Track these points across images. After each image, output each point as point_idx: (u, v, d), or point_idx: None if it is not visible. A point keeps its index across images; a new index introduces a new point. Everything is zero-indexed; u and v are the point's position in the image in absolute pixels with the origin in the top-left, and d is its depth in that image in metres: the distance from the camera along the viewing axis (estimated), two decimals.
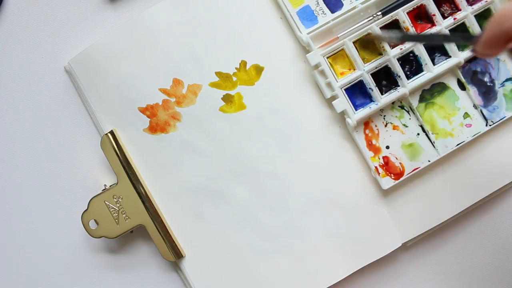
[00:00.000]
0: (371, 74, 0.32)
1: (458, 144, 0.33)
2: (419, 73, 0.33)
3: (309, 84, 0.33)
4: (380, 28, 0.32)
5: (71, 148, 0.35)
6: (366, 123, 0.33)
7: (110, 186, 0.33)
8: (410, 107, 0.33)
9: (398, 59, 0.32)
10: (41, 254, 0.35)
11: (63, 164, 0.35)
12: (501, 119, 0.33)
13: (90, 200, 0.33)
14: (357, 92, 0.33)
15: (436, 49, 0.33)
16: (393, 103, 0.33)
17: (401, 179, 0.33)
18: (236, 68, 0.33)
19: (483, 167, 0.33)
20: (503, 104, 0.33)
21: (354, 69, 0.33)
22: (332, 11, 0.33)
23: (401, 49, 0.32)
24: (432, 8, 0.32)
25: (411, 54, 0.33)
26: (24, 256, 0.35)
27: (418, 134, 0.33)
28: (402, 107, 0.33)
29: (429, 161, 0.33)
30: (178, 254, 0.33)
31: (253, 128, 0.33)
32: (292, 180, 0.33)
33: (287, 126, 0.33)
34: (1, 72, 0.35)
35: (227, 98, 0.33)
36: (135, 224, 0.33)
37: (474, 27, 0.32)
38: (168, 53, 0.33)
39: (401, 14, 0.32)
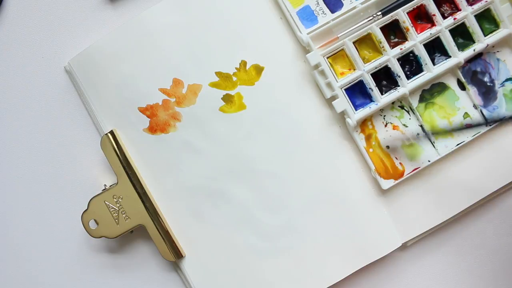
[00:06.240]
0: (371, 74, 0.32)
1: (458, 144, 0.33)
2: (419, 73, 0.33)
3: (309, 84, 0.33)
4: (381, 27, 0.32)
5: (71, 148, 0.35)
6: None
7: (110, 186, 0.33)
8: (410, 107, 0.33)
9: (398, 59, 0.32)
10: (41, 254, 0.35)
11: (63, 164, 0.35)
12: (501, 119, 0.33)
13: (90, 200, 0.33)
14: (357, 92, 0.33)
15: (436, 49, 0.33)
16: (393, 103, 0.33)
17: (401, 179, 0.33)
18: (236, 68, 0.33)
19: (483, 167, 0.33)
20: (503, 104, 0.33)
21: (354, 69, 0.33)
22: (332, 11, 0.33)
23: (401, 49, 0.32)
24: (432, 8, 0.32)
25: (411, 54, 0.33)
26: (24, 256, 0.35)
27: (418, 134, 0.33)
28: (402, 107, 0.33)
29: (429, 161, 0.33)
30: (178, 254, 0.33)
31: (253, 128, 0.33)
32: (292, 180, 0.33)
33: (287, 126, 0.33)
34: (1, 72, 0.35)
35: (227, 98, 0.33)
36: (135, 224, 0.33)
37: (474, 27, 0.32)
38: (168, 53, 0.33)
39: (401, 14, 0.32)
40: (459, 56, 0.32)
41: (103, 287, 0.35)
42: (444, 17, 0.33)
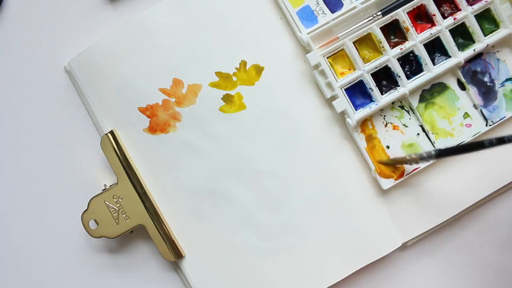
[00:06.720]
0: (371, 74, 0.32)
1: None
2: (419, 73, 0.33)
3: (309, 84, 0.33)
4: (381, 27, 0.32)
5: (71, 148, 0.35)
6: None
7: (110, 186, 0.33)
8: (410, 107, 0.33)
9: (398, 59, 0.32)
10: (41, 254, 0.35)
11: (63, 164, 0.35)
12: (501, 119, 0.33)
13: (90, 200, 0.33)
14: (357, 92, 0.33)
15: (436, 49, 0.33)
16: (393, 103, 0.33)
17: (401, 179, 0.33)
18: (236, 68, 0.33)
19: (483, 167, 0.33)
20: (503, 104, 0.33)
21: (354, 69, 0.33)
22: (332, 11, 0.33)
23: (401, 49, 0.32)
24: (432, 8, 0.32)
25: (411, 54, 0.33)
26: (24, 256, 0.35)
27: (418, 134, 0.33)
28: (402, 107, 0.33)
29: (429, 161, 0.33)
30: (178, 254, 0.33)
31: (253, 128, 0.33)
32: (292, 180, 0.33)
33: (287, 126, 0.33)
34: (1, 72, 0.35)
35: (227, 98, 0.33)
36: (135, 224, 0.33)
37: (474, 27, 0.32)
38: (168, 53, 0.33)
39: (401, 14, 0.32)
40: (459, 56, 0.32)
41: (103, 287, 0.35)
42: (444, 17, 0.33)
